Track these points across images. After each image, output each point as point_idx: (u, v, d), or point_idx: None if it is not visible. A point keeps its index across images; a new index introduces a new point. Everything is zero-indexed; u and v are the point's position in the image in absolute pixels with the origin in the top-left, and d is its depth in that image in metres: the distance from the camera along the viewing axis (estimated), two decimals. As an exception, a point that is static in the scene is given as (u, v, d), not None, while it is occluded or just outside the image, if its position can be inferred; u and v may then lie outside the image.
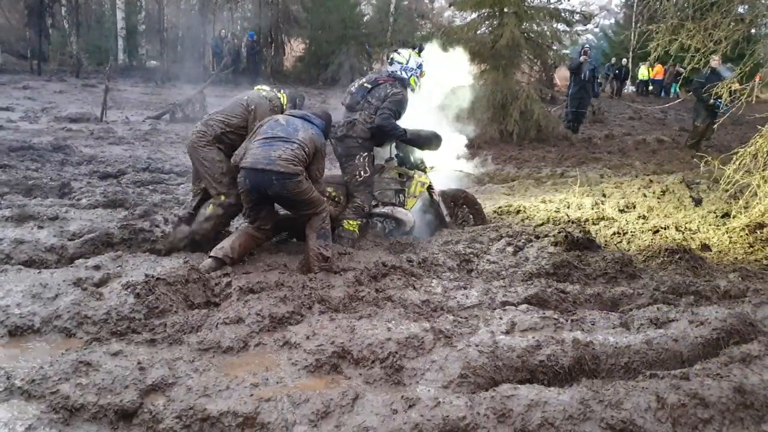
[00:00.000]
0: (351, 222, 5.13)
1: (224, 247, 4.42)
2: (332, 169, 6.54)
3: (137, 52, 27.76)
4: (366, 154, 5.28)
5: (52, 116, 12.34)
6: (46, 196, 6.27)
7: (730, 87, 6.79)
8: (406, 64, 5.56)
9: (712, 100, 11.42)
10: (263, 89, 5.24)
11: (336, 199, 5.21)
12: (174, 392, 2.80)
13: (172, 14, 27.37)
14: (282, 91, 5.35)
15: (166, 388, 2.83)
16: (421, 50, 5.76)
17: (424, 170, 5.72)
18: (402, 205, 5.56)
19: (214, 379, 2.91)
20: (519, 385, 2.85)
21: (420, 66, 5.64)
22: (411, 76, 5.57)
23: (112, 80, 14.35)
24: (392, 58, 5.66)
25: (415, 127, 5.46)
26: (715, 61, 10.91)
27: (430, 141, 5.55)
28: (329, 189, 5.16)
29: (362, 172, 5.23)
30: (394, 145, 5.69)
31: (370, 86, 5.41)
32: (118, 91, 17.33)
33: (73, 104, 14.34)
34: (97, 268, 4.15)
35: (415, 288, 4.15)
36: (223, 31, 24.64)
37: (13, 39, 26.15)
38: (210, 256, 4.39)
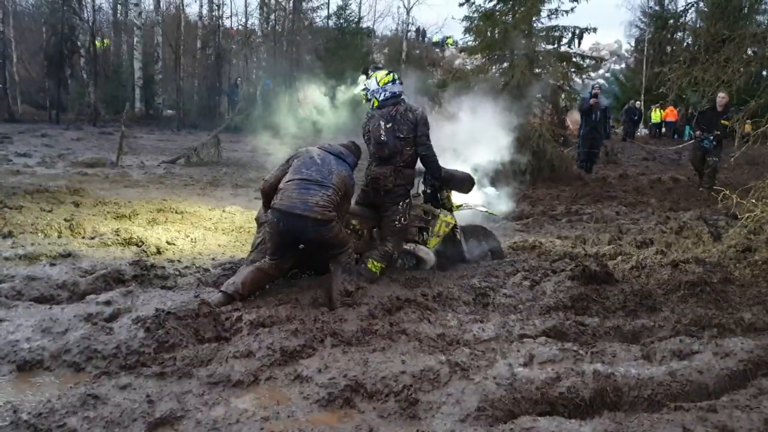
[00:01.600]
0: (375, 263, 4.95)
1: (235, 282, 4.38)
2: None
3: (154, 101, 28.28)
4: (408, 200, 5.17)
5: (68, 161, 12.51)
6: (60, 235, 6.27)
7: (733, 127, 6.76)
8: (394, 82, 5.15)
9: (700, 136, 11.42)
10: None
11: (359, 232, 5.13)
12: (183, 426, 2.74)
13: (189, 64, 27.94)
14: None
15: (174, 422, 2.77)
16: (377, 69, 5.41)
17: (450, 209, 5.66)
18: (424, 243, 5.48)
19: (224, 413, 2.84)
20: (538, 418, 2.76)
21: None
22: (401, 93, 5.18)
23: (128, 128, 14.60)
24: (395, 79, 5.17)
25: (450, 167, 5.41)
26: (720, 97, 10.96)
27: (463, 183, 5.50)
28: (353, 221, 5.07)
29: (402, 220, 5.11)
30: (421, 180, 5.61)
31: (391, 123, 5.06)
32: (134, 138, 17.57)
33: (89, 150, 14.55)
34: (107, 303, 4.12)
35: (429, 321, 4.07)
36: (239, 79, 25.08)
37: (33, 90, 26.77)
38: (220, 291, 4.34)
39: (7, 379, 3.17)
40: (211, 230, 7.06)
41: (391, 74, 5.19)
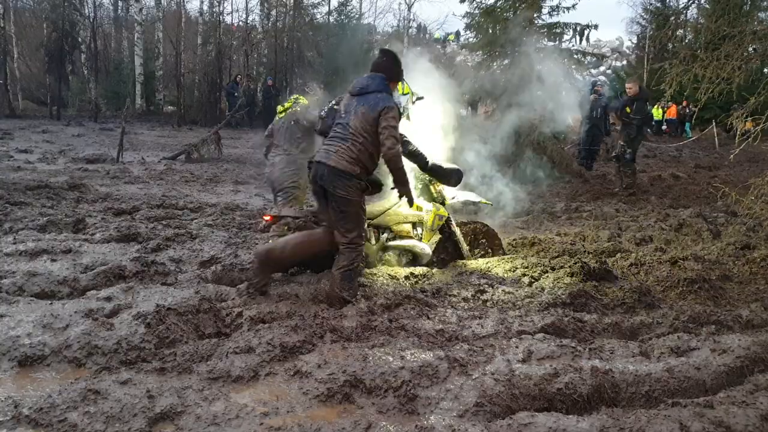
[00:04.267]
0: None
1: None
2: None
3: (155, 98, 28.28)
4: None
5: (69, 158, 12.51)
6: (61, 231, 6.29)
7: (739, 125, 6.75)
8: (401, 94, 5.31)
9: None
10: None
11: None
12: (183, 421, 2.76)
13: (189, 60, 27.92)
14: None
15: (175, 417, 2.78)
16: (419, 99, 5.49)
17: (443, 203, 5.67)
18: (419, 238, 5.50)
19: (224, 408, 2.86)
20: (536, 413, 2.77)
21: (405, 109, 5.33)
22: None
23: (129, 124, 14.59)
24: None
25: (439, 161, 5.42)
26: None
27: (451, 176, 5.49)
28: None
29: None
30: (412, 176, 5.63)
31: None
32: (135, 135, 17.60)
33: (90, 147, 14.55)
34: (108, 299, 4.13)
35: (428, 317, 4.08)
36: (239, 76, 25.06)
37: (34, 86, 26.80)
38: None
39: (8, 374, 3.19)
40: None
41: None
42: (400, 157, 4.52)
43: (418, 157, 5.24)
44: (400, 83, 5.31)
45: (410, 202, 4.81)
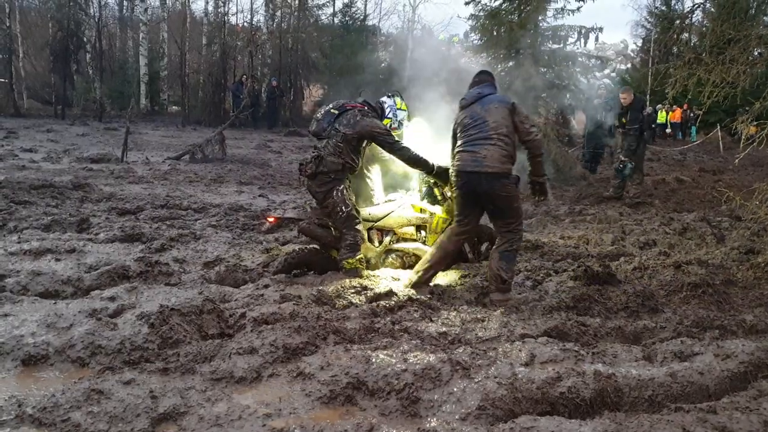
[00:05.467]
0: (350, 261, 5.00)
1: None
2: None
3: (159, 98, 28.34)
4: (341, 186, 5.08)
5: (73, 157, 12.54)
6: (65, 231, 6.31)
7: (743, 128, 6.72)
8: (398, 109, 5.57)
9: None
10: None
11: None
12: (186, 422, 2.75)
13: (194, 60, 27.97)
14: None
15: (177, 418, 2.78)
16: (410, 118, 5.83)
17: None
18: (423, 241, 5.51)
19: (226, 409, 2.86)
20: (539, 417, 2.76)
21: (401, 123, 5.64)
22: (389, 118, 5.53)
23: (133, 124, 14.62)
24: (393, 94, 5.65)
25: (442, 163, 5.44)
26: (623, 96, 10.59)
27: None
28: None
29: (344, 207, 5.03)
30: (416, 179, 5.66)
31: (337, 112, 5.23)
32: (139, 134, 17.64)
33: (94, 146, 14.59)
34: (112, 299, 4.15)
35: (432, 320, 4.08)
36: (244, 76, 25.10)
37: (39, 85, 26.88)
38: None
39: (12, 373, 3.20)
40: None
41: (396, 95, 5.67)
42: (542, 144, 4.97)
43: (422, 164, 5.26)
44: (399, 98, 5.47)
45: (543, 194, 5.08)
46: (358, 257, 5.03)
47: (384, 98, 5.61)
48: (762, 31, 6.89)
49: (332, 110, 5.26)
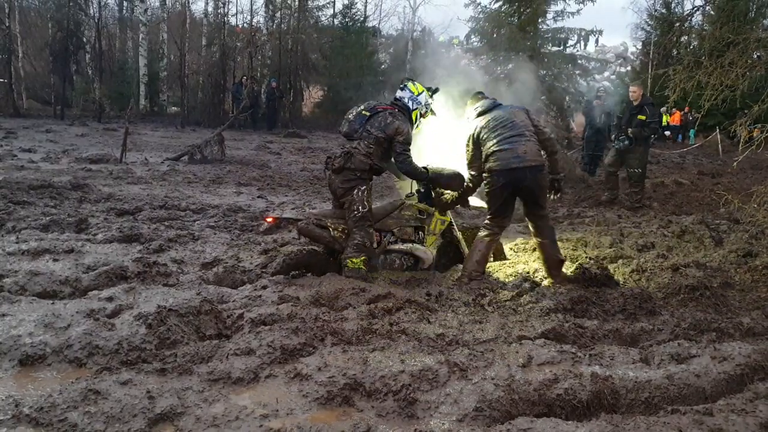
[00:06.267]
0: (354, 260, 4.99)
1: None
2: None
3: (158, 98, 28.35)
4: (364, 187, 5.12)
5: (72, 157, 12.54)
6: (63, 231, 6.31)
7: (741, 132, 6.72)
8: (417, 95, 5.41)
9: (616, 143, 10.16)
10: None
11: (341, 233, 5.19)
12: (183, 422, 2.75)
13: (193, 61, 27.98)
14: None
15: (174, 418, 2.78)
16: (435, 92, 5.62)
17: None
18: (421, 242, 5.51)
19: (224, 410, 2.86)
20: (536, 419, 2.77)
21: (428, 105, 5.50)
22: (416, 109, 5.40)
23: (132, 124, 14.61)
24: (405, 84, 5.49)
25: (438, 165, 5.44)
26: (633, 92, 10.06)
27: (452, 181, 5.50)
28: (347, 226, 5.14)
29: (360, 207, 5.06)
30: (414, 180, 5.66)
31: (368, 114, 5.26)
32: (139, 135, 17.64)
33: (94, 147, 14.58)
34: (110, 299, 4.14)
35: (429, 321, 4.09)
36: (244, 77, 25.10)
37: (38, 85, 26.90)
38: None
39: (9, 373, 3.19)
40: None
41: (407, 81, 5.55)
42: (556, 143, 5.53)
43: (417, 177, 5.32)
44: (411, 84, 5.41)
45: (560, 191, 5.56)
46: (362, 258, 5.02)
47: (398, 92, 5.49)
48: (761, 34, 6.90)
49: (364, 112, 5.31)
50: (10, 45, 23.83)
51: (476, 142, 5.27)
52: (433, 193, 5.62)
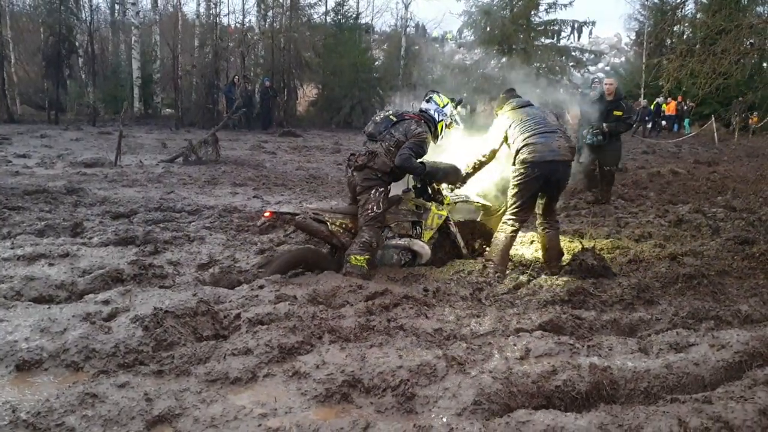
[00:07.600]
0: (358, 258, 5.00)
1: None
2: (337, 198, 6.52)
3: (152, 101, 28.29)
4: (382, 189, 5.21)
5: (67, 162, 12.50)
6: (59, 235, 6.29)
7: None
8: (443, 107, 5.57)
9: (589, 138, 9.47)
10: None
11: (352, 230, 5.19)
12: (181, 424, 2.75)
13: (186, 62, 27.91)
14: None
15: (172, 420, 2.77)
16: (459, 103, 5.85)
17: (441, 202, 5.68)
18: (419, 237, 5.51)
19: (222, 410, 2.85)
20: (534, 411, 2.76)
21: (453, 116, 5.68)
22: (441, 120, 5.56)
23: (127, 127, 14.57)
24: (431, 97, 5.65)
25: (434, 160, 5.46)
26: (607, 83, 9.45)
27: (448, 174, 5.55)
28: (345, 221, 5.15)
29: (375, 208, 5.13)
30: (411, 176, 5.67)
31: (395, 119, 5.37)
32: (133, 138, 17.58)
33: (88, 150, 14.54)
34: (106, 302, 4.12)
35: (427, 317, 4.08)
36: (237, 77, 25.04)
37: (31, 90, 26.80)
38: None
39: (6, 378, 3.18)
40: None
41: (432, 94, 5.70)
42: None
43: (414, 169, 5.30)
44: (437, 96, 5.52)
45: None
46: (366, 257, 5.03)
47: (423, 104, 5.66)
48: (754, 20, 6.90)
49: (391, 116, 5.44)
50: (2, 50, 23.75)
51: (506, 135, 5.50)
52: (429, 188, 5.63)
